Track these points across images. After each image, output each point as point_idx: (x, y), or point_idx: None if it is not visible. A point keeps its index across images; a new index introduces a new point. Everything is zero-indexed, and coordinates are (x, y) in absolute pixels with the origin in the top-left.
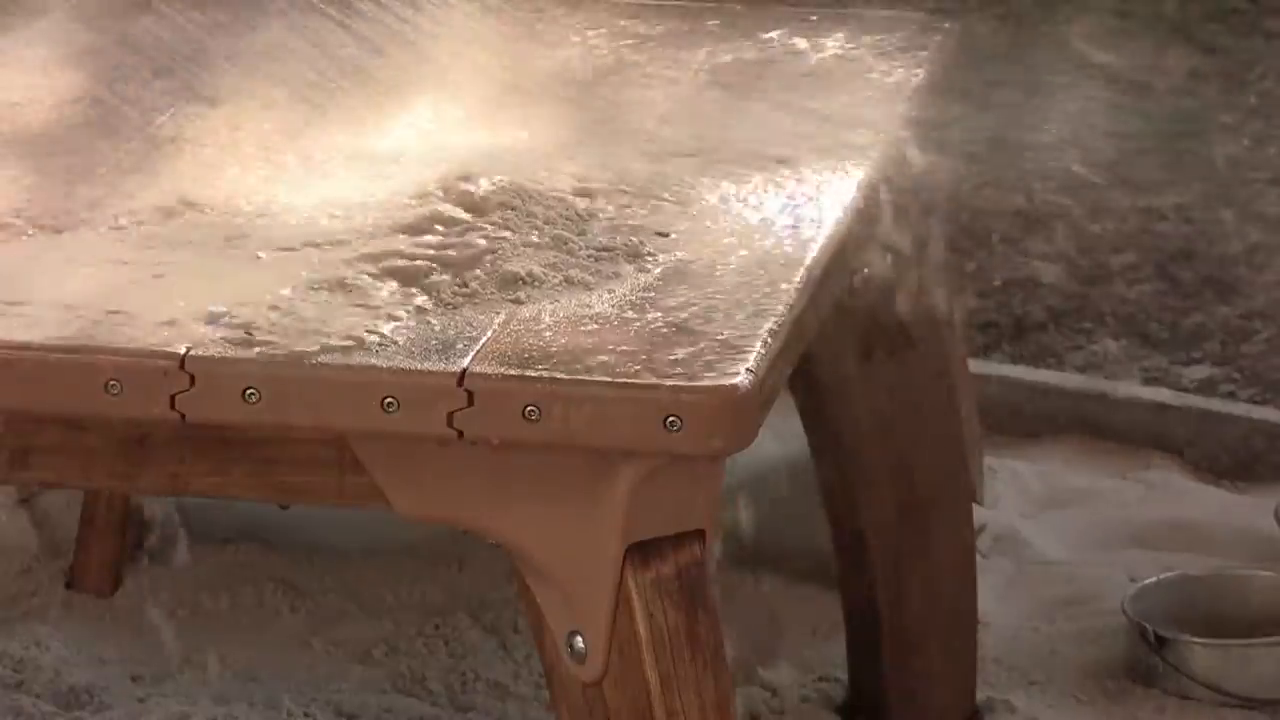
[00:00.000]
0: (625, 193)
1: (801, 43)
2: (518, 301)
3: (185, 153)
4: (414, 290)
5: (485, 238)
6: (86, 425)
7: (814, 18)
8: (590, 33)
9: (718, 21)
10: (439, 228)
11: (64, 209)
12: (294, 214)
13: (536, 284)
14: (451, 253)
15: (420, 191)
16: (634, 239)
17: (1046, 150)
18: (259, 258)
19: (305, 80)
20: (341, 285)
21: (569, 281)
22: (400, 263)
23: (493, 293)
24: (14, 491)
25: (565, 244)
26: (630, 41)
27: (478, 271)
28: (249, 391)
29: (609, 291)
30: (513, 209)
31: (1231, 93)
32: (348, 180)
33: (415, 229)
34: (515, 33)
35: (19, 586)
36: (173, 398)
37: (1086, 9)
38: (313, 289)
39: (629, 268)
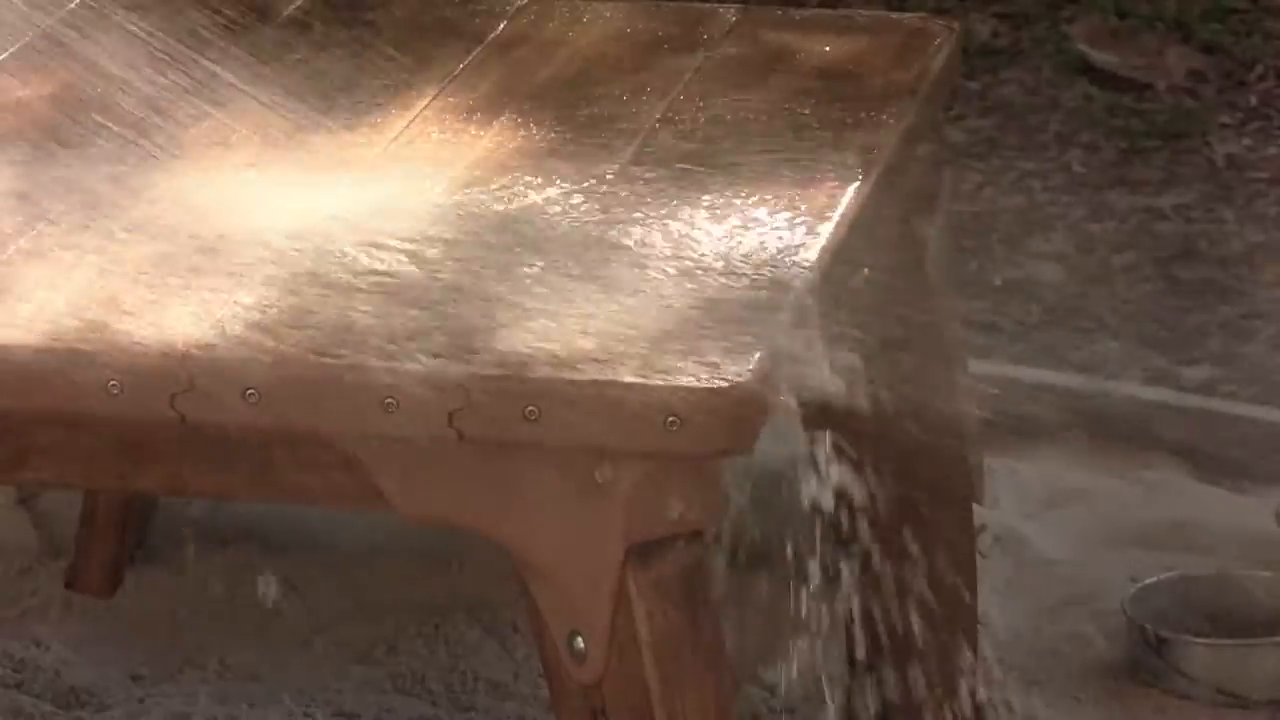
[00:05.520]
0: (623, 194)
1: (801, 44)
2: (517, 304)
3: (184, 153)
4: (412, 293)
5: (483, 237)
6: (86, 425)
7: (813, 18)
8: (588, 33)
9: (716, 22)
10: (437, 230)
11: (63, 208)
12: (289, 217)
13: (535, 286)
14: (450, 259)
15: (419, 193)
16: (633, 240)
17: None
18: (260, 259)
19: (305, 80)
20: (343, 287)
21: (569, 281)
22: (400, 264)
23: (489, 296)
24: (14, 491)
25: (564, 246)
26: (628, 41)
27: (478, 275)
28: (249, 391)
29: (610, 292)
30: (509, 212)
31: (1231, 93)
32: (343, 182)
33: (415, 231)
34: (515, 34)
35: (19, 586)
36: (173, 397)
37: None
38: (314, 290)
39: (629, 268)
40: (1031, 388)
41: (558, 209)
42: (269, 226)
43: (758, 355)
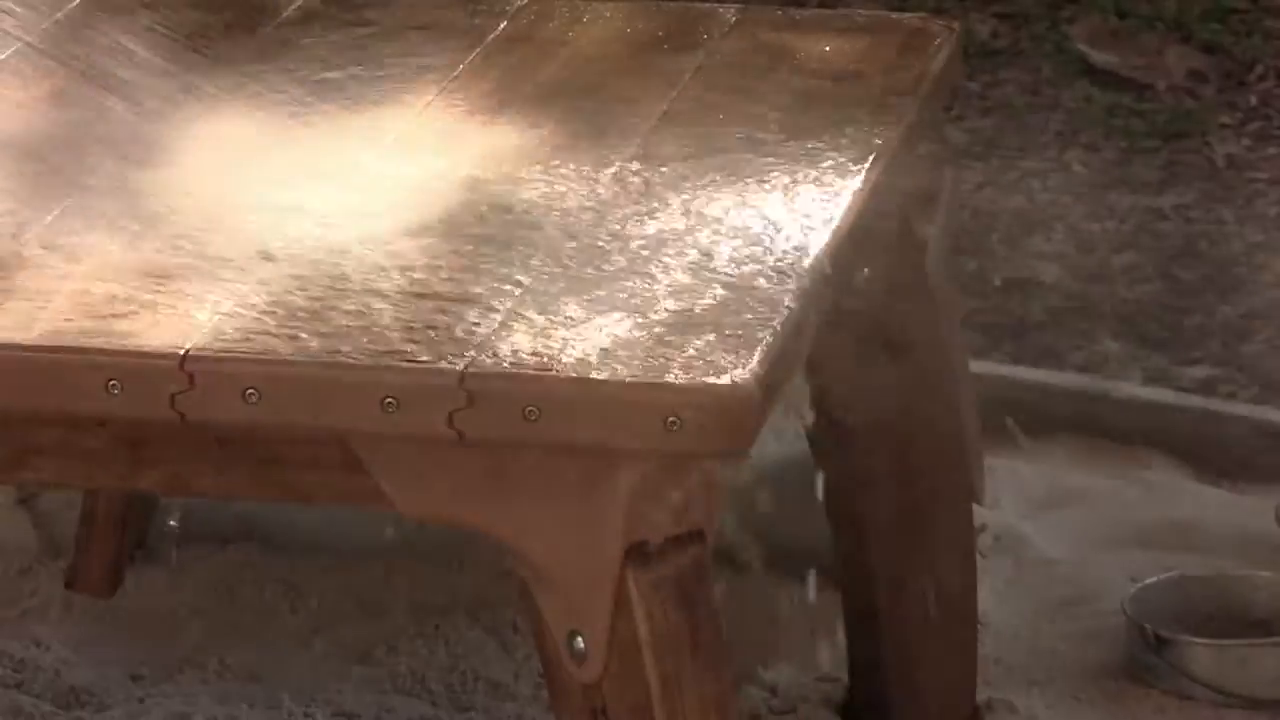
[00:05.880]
0: (623, 194)
1: (801, 44)
2: (517, 303)
3: (183, 154)
4: (412, 293)
5: (483, 237)
6: (86, 425)
7: (813, 18)
8: (588, 33)
9: (716, 22)
10: (437, 230)
11: (63, 208)
12: (289, 217)
13: (536, 286)
14: (450, 258)
15: (419, 193)
16: (633, 239)
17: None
18: (260, 259)
19: (305, 80)
20: (344, 286)
21: (569, 281)
22: (401, 264)
23: (489, 296)
24: (14, 491)
25: (564, 245)
26: (628, 41)
27: (478, 274)
28: (249, 391)
29: (610, 292)
30: (510, 211)
31: (1231, 93)
32: (344, 182)
33: (415, 231)
34: (515, 34)
35: (19, 586)
36: (173, 397)
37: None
38: (314, 290)
39: (629, 268)
40: (1031, 388)
41: (558, 209)
42: (269, 227)
43: (757, 355)
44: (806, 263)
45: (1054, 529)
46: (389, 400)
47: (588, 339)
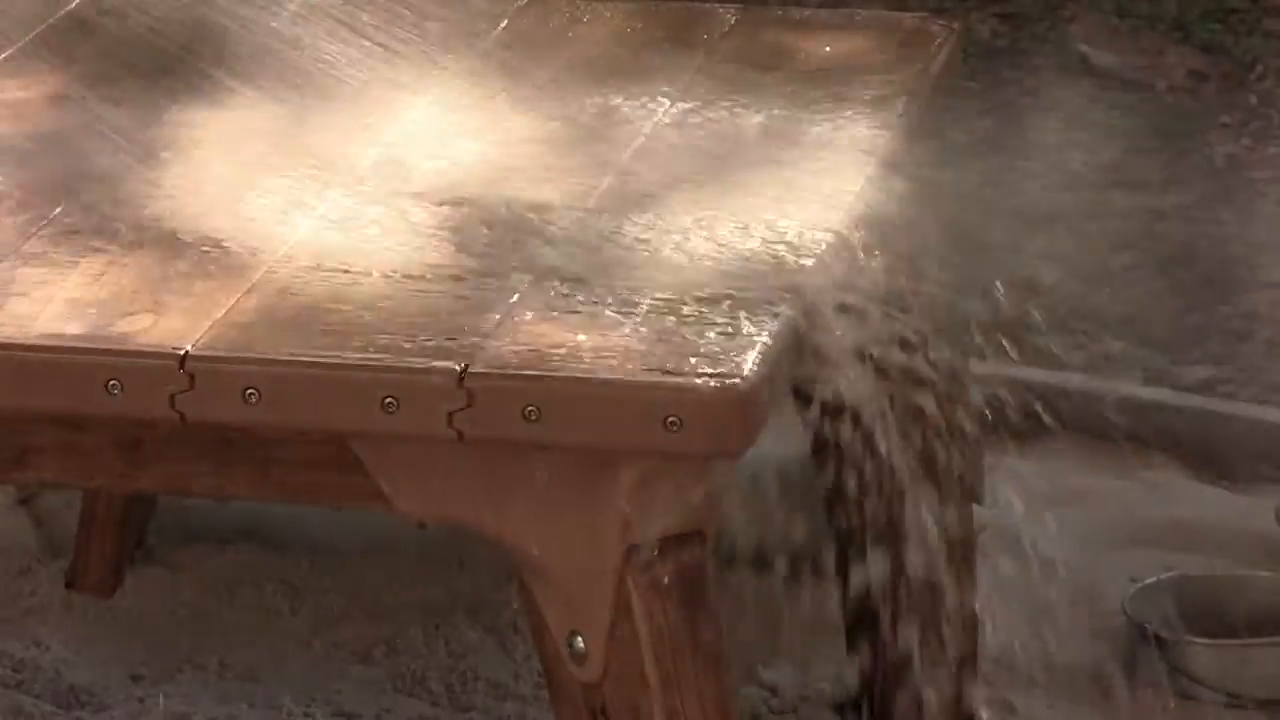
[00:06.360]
0: (624, 195)
1: (801, 43)
2: (517, 303)
3: (182, 155)
4: (412, 293)
5: (483, 237)
6: (86, 425)
7: (813, 18)
8: (589, 33)
9: (716, 22)
10: (437, 232)
11: (63, 208)
12: (289, 216)
13: (535, 285)
14: (450, 260)
15: (417, 196)
16: (634, 240)
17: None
18: (259, 259)
19: (300, 83)
20: (343, 287)
21: (569, 281)
22: (399, 265)
23: (489, 296)
24: (14, 491)
25: (565, 245)
26: (628, 42)
27: (478, 275)
28: (249, 391)
29: (610, 292)
30: (510, 213)
31: (1231, 93)
32: (343, 182)
33: (415, 232)
34: (515, 34)
35: (19, 586)
36: (173, 398)
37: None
38: (314, 290)
39: (629, 268)
40: (1031, 388)
41: (558, 208)
42: (269, 225)
43: (757, 355)
44: (806, 263)
45: (1054, 529)
46: (389, 400)
47: (587, 339)
